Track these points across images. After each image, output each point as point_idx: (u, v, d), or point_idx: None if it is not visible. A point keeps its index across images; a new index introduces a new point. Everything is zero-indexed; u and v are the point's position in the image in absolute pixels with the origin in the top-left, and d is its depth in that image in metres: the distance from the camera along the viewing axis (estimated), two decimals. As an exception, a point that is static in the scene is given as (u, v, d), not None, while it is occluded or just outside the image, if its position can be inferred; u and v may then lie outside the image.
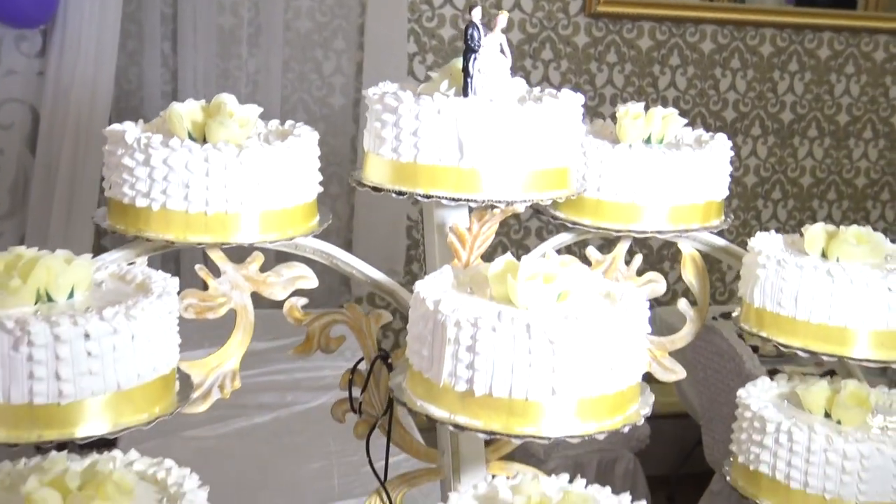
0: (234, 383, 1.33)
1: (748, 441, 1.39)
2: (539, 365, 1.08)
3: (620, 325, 1.12)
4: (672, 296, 5.43)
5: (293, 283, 1.38)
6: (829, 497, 1.31)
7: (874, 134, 5.15)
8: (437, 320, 1.11)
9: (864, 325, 1.32)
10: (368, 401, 1.36)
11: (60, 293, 1.07)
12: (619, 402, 1.13)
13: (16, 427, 1.00)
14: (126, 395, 1.05)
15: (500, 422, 1.09)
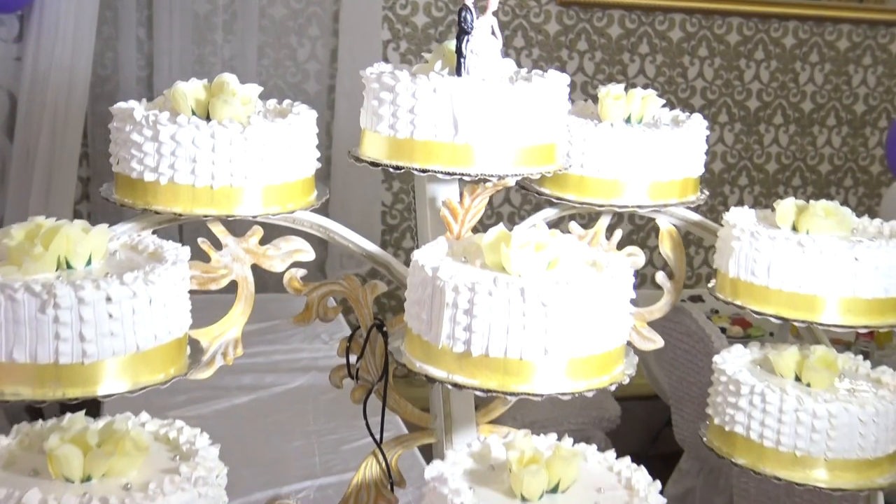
0: (237, 351, 1.39)
1: (724, 404, 1.47)
2: (532, 327, 1.15)
3: (607, 290, 1.20)
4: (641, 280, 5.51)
5: (291, 255, 1.44)
6: (799, 454, 1.40)
7: (837, 121, 5.27)
8: (435, 286, 1.18)
9: (833, 293, 1.41)
10: (365, 367, 1.43)
11: (79, 261, 1.13)
12: (606, 363, 1.21)
13: (42, 385, 1.06)
14: (144, 357, 1.11)
15: (496, 380, 1.16)
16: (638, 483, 1.24)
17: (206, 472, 1.14)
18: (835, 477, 1.40)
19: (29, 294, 1.04)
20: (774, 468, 1.41)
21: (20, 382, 1.06)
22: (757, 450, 1.42)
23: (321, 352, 3.90)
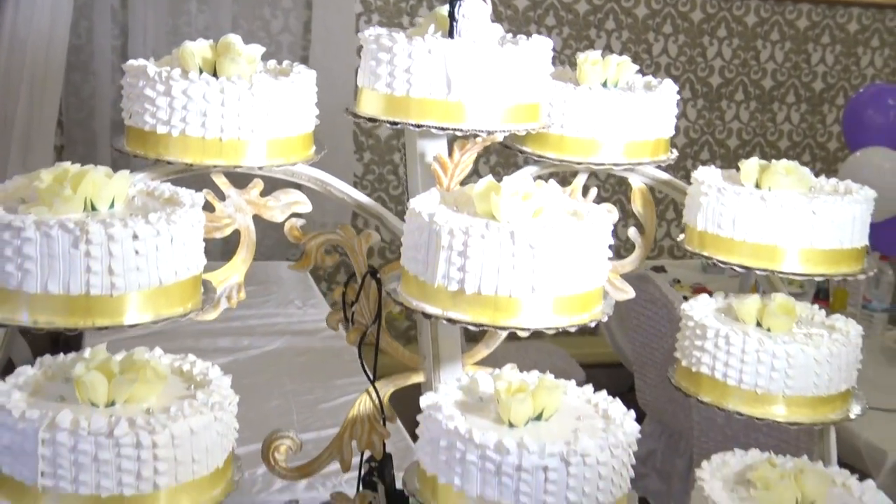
0: (240, 294, 1.49)
1: (691, 347, 1.59)
2: (521, 267, 1.26)
3: (588, 235, 1.31)
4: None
5: (290, 207, 1.53)
6: (759, 392, 1.52)
7: (797, 98, 5.43)
8: (431, 230, 1.28)
9: (793, 244, 1.53)
10: (360, 311, 1.53)
11: (103, 203, 1.22)
12: (587, 302, 1.32)
13: (73, 315, 1.15)
14: (165, 291, 1.20)
15: (487, 316, 1.27)
16: (614, 413, 1.36)
17: (220, 399, 1.25)
18: (792, 413, 1.52)
19: (63, 231, 1.13)
20: (737, 405, 1.53)
21: (54, 312, 1.15)
22: (721, 388, 1.54)
23: (294, 317, 4.00)
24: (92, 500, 1.15)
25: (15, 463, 1.17)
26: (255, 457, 2.53)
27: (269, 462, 1.49)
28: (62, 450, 1.14)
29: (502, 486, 1.23)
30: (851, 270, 1.56)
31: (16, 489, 1.18)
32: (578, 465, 1.23)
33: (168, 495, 1.18)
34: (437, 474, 1.28)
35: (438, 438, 1.27)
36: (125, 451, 1.14)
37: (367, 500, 1.51)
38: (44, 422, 1.14)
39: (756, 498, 1.47)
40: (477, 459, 1.23)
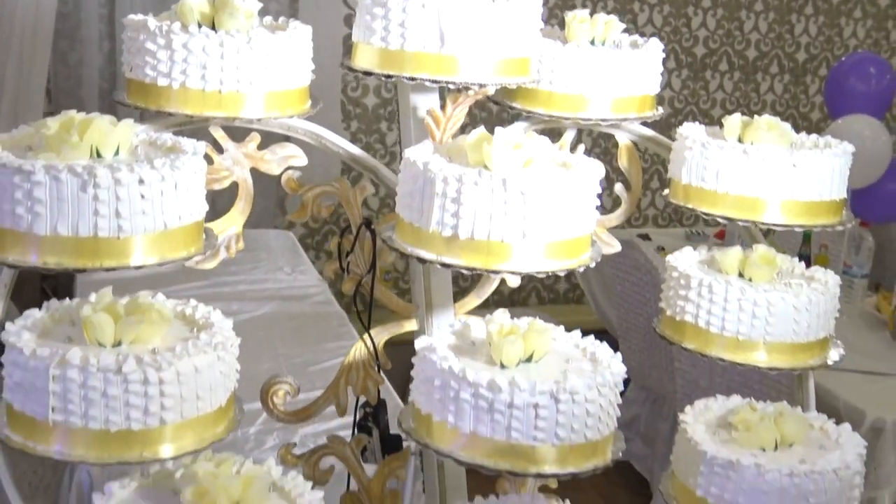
0: (238, 245, 1.53)
1: (675, 297, 1.64)
2: (512, 213, 1.30)
3: (577, 183, 1.35)
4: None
5: (286, 160, 1.57)
6: (741, 338, 1.58)
7: (780, 69, 5.48)
8: (426, 178, 1.33)
9: (774, 196, 1.58)
10: (355, 261, 1.57)
11: (108, 150, 1.25)
12: (576, 248, 1.37)
13: (81, 256, 1.19)
14: (169, 234, 1.25)
15: (480, 260, 1.32)
16: (601, 355, 1.42)
17: (223, 340, 1.29)
18: (772, 358, 1.58)
19: (72, 175, 1.17)
20: (719, 351, 1.59)
21: (63, 254, 1.19)
22: (704, 335, 1.60)
23: (284, 283, 4.05)
24: (101, 435, 1.20)
25: (27, 400, 1.21)
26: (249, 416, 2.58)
27: (267, 406, 1.54)
28: (72, 386, 1.18)
29: (494, 423, 1.29)
30: (830, 222, 1.62)
31: (28, 425, 1.22)
32: (567, 402, 1.28)
33: (174, 430, 1.23)
34: (431, 413, 1.33)
35: (433, 378, 1.32)
36: (133, 387, 1.19)
37: (362, 443, 1.56)
38: (54, 359, 1.19)
39: (737, 439, 1.53)
40: (470, 397, 1.29)
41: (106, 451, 1.21)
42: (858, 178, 4.05)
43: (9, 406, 1.25)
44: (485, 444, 1.30)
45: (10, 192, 1.18)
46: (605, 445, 1.35)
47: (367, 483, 1.54)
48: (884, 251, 4.64)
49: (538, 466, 1.30)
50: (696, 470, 1.51)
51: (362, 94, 4.95)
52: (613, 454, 1.37)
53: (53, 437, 1.21)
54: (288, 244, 4.57)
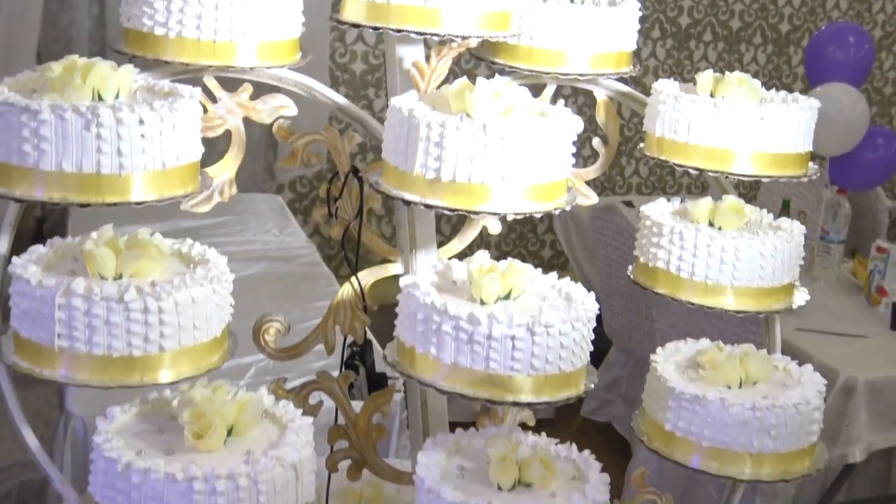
0: (231, 190, 1.60)
1: (648, 244, 1.72)
2: (492, 157, 1.38)
3: (553, 130, 1.43)
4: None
5: (277, 110, 1.64)
6: (710, 283, 1.66)
7: (763, 40, 5.55)
8: (411, 123, 1.40)
9: (743, 148, 1.66)
10: (343, 207, 1.64)
11: (109, 94, 1.32)
12: (552, 191, 1.45)
13: (85, 192, 1.26)
14: (167, 174, 1.32)
15: (461, 202, 1.40)
16: (576, 294, 1.50)
17: (218, 274, 1.37)
18: (739, 302, 1.66)
19: (76, 114, 1.24)
20: (689, 295, 1.67)
21: (67, 189, 1.26)
22: (675, 280, 1.68)
23: (273, 244, 4.12)
24: (104, 360, 1.28)
25: (33, 327, 1.29)
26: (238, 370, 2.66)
27: (259, 343, 1.62)
28: (77, 314, 1.26)
29: (474, 354, 1.37)
30: (796, 173, 1.69)
31: (35, 351, 1.30)
32: (542, 335, 1.36)
33: (172, 357, 1.31)
34: (414, 345, 1.41)
35: (416, 312, 1.40)
36: (134, 315, 1.26)
37: (349, 380, 1.64)
38: (60, 288, 1.26)
39: (704, 377, 1.62)
40: (451, 330, 1.37)
41: (108, 375, 1.28)
42: (836, 146, 4.14)
43: (16, 334, 1.33)
44: (465, 375, 1.38)
45: (17, 130, 1.25)
46: (579, 377, 1.44)
47: (353, 417, 1.62)
48: (860, 218, 4.73)
49: (515, 395, 1.38)
50: (664, 405, 1.60)
51: (350, 60, 5.00)
52: (586, 386, 1.45)
53: (59, 363, 1.29)
54: (276, 207, 4.63)
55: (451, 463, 1.47)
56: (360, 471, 1.63)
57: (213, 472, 1.24)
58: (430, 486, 1.39)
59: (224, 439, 1.32)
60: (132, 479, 1.24)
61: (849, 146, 4.08)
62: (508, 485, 1.42)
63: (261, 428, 1.38)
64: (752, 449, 1.55)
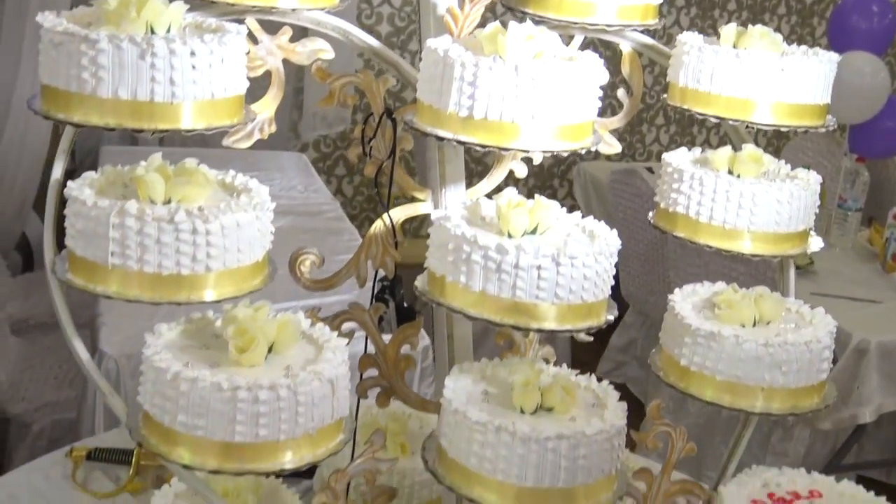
0: (271, 128, 1.67)
1: (669, 190, 1.79)
2: (523, 96, 1.45)
3: (581, 73, 1.50)
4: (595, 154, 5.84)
5: (315, 53, 1.71)
6: (727, 227, 1.72)
7: (787, 10, 5.57)
8: (446, 63, 1.47)
9: (764, 98, 1.72)
10: (377, 147, 1.72)
11: (161, 27, 1.39)
12: (579, 132, 1.52)
13: (138, 119, 1.34)
14: (215, 104, 1.39)
15: (492, 139, 1.47)
16: (599, 232, 1.57)
17: (260, 201, 1.45)
18: (756, 247, 1.73)
19: (132, 44, 1.31)
20: (707, 239, 1.73)
21: (122, 116, 1.34)
22: (693, 225, 1.74)
23: (298, 199, 4.20)
24: (153, 278, 1.36)
25: (88, 246, 1.37)
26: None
27: (295, 274, 1.70)
28: (130, 233, 1.34)
29: (501, 283, 1.44)
30: (814, 123, 1.75)
31: (89, 269, 1.38)
32: (567, 266, 1.44)
33: (216, 278, 1.39)
34: (444, 275, 1.49)
35: (447, 243, 1.48)
36: (183, 236, 1.34)
37: (379, 311, 1.72)
38: (114, 209, 1.34)
39: (719, 316, 1.69)
40: (480, 259, 1.44)
41: (157, 292, 1.37)
42: (856, 114, 4.18)
43: (71, 253, 1.41)
44: (492, 302, 1.46)
45: (76, 59, 1.32)
46: (600, 309, 1.51)
47: (383, 347, 1.70)
48: (879, 186, 4.78)
49: (539, 322, 1.46)
50: (681, 342, 1.67)
51: (376, 21, 5.07)
52: (606, 319, 1.53)
53: (111, 280, 1.37)
54: (301, 165, 4.71)
55: (476, 388, 1.55)
56: (389, 398, 1.71)
57: (255, 382, 1.32)
58: (457, 408, 1.47)
59: (265, 356, 1.40)
60: (180, 387, 1.32)
61: (869, 115, 4.12)
62: (531, 409, 1.50)
63: (299, 347, 1.46)
64: (764, 383, 1.62)
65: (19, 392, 3.34)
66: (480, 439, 1.45)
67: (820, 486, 1.69)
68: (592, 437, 1.45)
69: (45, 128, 4.29)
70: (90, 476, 2.22)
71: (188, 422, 1.34)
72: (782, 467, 1.72)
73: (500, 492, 1.46)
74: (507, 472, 1.44)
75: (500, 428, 1.43)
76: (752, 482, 1.67)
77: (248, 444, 1.34)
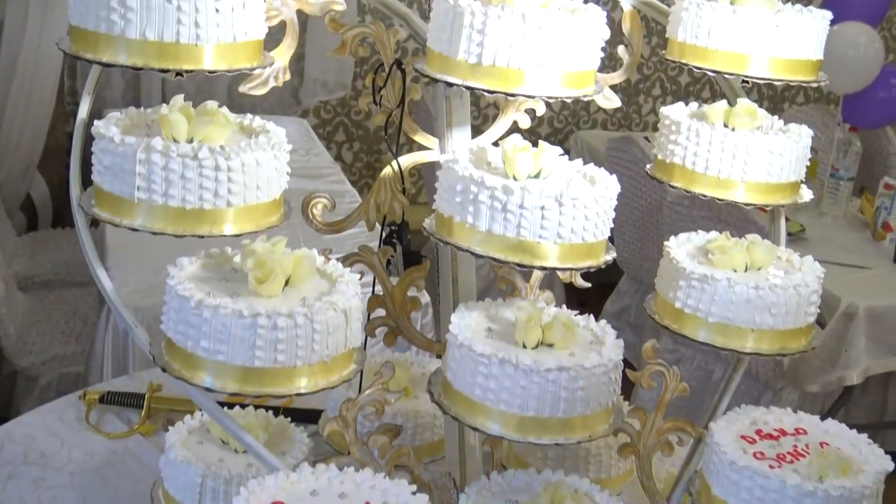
0: (286, 76, 1.74)
1: (666, 141, 1.86)
2: (529, 44, 1.52)
3: (586, 22, 1.57)
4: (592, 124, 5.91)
5: (328, 5, 1.78)
6: (722, 177, 1.80)
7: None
8: (456, 12, 1.54)
9: (760, 53, 1.78)
10: (386, 97, 1.78)
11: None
12: (582, 80, 1.59)
13: (164, 59, 1.40)
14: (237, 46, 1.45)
15: (500, 85, 1.54)
16: (599, 177, 1.64)
17: (278, 142, 1.52)
18: (749, 196, 1.80)
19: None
20: (702, 188, 1.81)
21: (148, 57, 1.40)
22: (689, 175, 1.82)
23: (299, 162, 4.27)
24: (177, 212, 1.43)
25: (115, 181, 1.44)
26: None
27: (307, 216, 1.77)
28: (155, 168, 1.41)
29: (507, 222, 1.52)
30: (807, 78, 1.82)
31: (115, 203, 1.45)
32: (569, 206, 1.51)
33: (237, 213, 1.46)
34: (452, 215, 1.56)
35: (455, 184, 1.55)
36: (206, 171, 1.41)
37: (388, 254, 1.79)
38: (140, 145, 1.41)
39: (712, 261, 1.77)
40: (487, 199, 1.52)
41: (180, 225, 1.44)
42: (850, 84, 4.25)
43: (97, 188, 1.48)
44: (498, 241, 1.53)
45: (106, 1, 1.39)
46: (599, 249, 1.59)
47: (391, 289, 1.78)
48: (870, 157, 4.86)
49: (542, 261, 1.53)
50: (675, 286, 1.75)
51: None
52: (605, 259, 1.61)
53: (137, 213, 1.44)
54: (302, 130, 4.78)
55: (480, 325, 1.63)
56: (396, 337, 1.79)
57: (274, 310, 1.40)
58: (463, 342, 1.55)
59: (282, 287, 1.48)
60: (203, 314, 1.40)
61: (862, 84, 4.20)
62: (532, 344, 1.57)
63: (314, 281, 1.53)
64: (754, 325, 1.70)
65: (27, 346, 3.42)
66: (485, 371, 1.53)
67: (805, 425, 1.77)
68: (591, 371, 1.53)
69: (50, 91, 4.35)
70: (103, 418, 2.30)
71: (210, 347, 1.41)
72: (770, 407, 1.80)
73: (502, 421, 1.54)
74: (510, 403, 1.53)
75: (503, 360, 1.51)
76: (742, 420, 1.75)
77: (266, 369, 1.42)
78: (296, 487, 1.40)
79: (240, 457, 1.80)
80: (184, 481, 1.74)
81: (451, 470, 1.85)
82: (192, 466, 1.73)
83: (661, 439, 1.78)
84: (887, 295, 3.73)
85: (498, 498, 1.63)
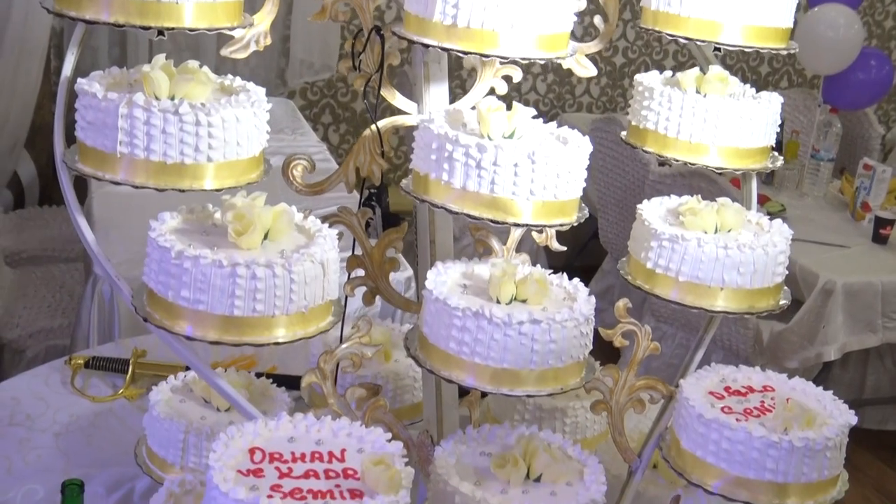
0: (266, 40, 1.77)
1: (639, 108, 1.90)
2: (503, 5, 1.56)
3: (558, -11, 1.61)
4: (578, 107, 5.95)
5: (309, -29, 1.81)
6: (693, 142, 1.84)
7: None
8: (431, -25, 1.58)
9: (732, 20, 1.82)
10: (366, 62, 1.82)
11: (166, -66, 1.49)
12: (556, 42, 1.63)
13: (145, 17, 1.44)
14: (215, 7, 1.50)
15: (475, 46, 1.57)
16: (572, 138, 1.68)
17: (258, 100, 1.55)
18: (720, 161, 1.84)
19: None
20: (675, 153, 1.85)
21: (130, 14, 1.44)
22: (662, 140, 1.86)
23: (285, 142, 4.30)
24: (159, 166, 1.47)
25: (97, 136, 1.48)
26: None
27: (287, 178, 1.81)
28: (137, 122, 1.44)
29: (481, 179, 1.56)
30: (777, 45, 1.86)
31: (98, 157, 1.49)
32: (541, 163, 1.55)
33: (217, 168, 1.50)
34: (428, 173, 1.60)
35: (431, 143, 1.59)
36: (187, 127, 1.45)
37: (367, 215, 1.83)
38: (123, 100, 1.45)
39: (683, 223, 1.81)
40: (462, 157, 1.56)
41: (162, 179, 1.48)
42: (831, 66, 4.30)
43: (81, 144, 1.52)
44: (472, 198, 1.57)
45: (86, -41, 1.42)
46: (571, 207, 1.63)
47: (370, 250, 1.82)
48: (851, 137, 4.91)
49: (515, 217, 1.57)
50: (647, 246, 1.80)
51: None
52: (577, 218, 1.65)
53: (119, 167, 1.48)
54: (288, 110, 4.81)
55: (456, 281, 1.67)
56: (374, 297, 1.83)
57: (253, 260, 1.44)
58: (438, 297, 1.59)
59: (261, 241, 1.52)
60: (184, 264, 1.44)
61: (842, 66, 4.24)
62: (506, 299, 1.62)
63: (292, 236, 1.57)
64: (723, 284, 1.74)
65: (13, 319, 3.45)
66: (459, 324, 1.57)
67: (773, 383, 1.82)
68: (562, 324, 1.57)
69: (36, 70, 4.37)
70: (88, 382, 2.34)
71: (191, 296, 1.45)
72: (740, 366, 1.85)
73: (476, 373, 1.58)
74: (484, 356, 1.57)
75: (477, 313, 1.55)
76: (711, 377, 1.79)
77: (245, 318, 1.46)
78: (274, 435, 1.44)
79: (222, 414, 1.84)
80: (167, 437, 1.78)
81: (429, 428, 1.89)
82: (174, 423, 1.77)
83: (633, 396, 1.82)
84: (864, 272, 3.78)
85: (472, 451, 1.68)
